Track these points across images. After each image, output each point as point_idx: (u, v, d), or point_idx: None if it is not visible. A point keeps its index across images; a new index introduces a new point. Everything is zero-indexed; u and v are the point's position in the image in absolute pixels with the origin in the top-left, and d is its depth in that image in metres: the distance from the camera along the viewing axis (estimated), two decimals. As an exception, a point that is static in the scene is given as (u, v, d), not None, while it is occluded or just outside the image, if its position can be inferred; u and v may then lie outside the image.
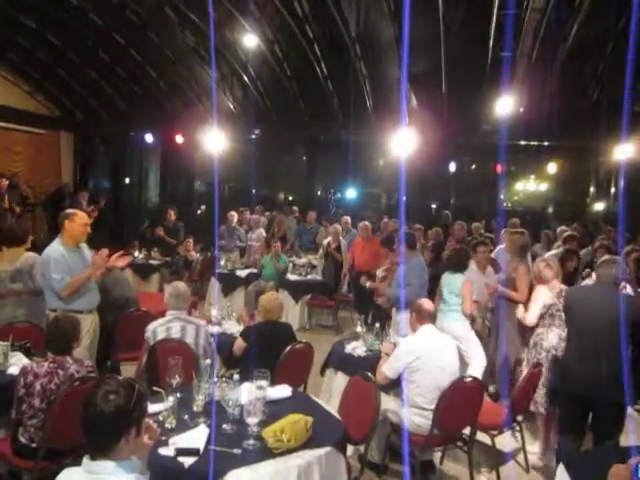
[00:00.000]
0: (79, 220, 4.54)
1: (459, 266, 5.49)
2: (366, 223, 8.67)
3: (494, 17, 9.82)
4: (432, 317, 4.10)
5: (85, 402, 1.84)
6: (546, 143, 13.10)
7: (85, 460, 1.84)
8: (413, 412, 3.79)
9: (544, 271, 4.59)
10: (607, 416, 3.58)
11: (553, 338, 4.39)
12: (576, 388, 3.74)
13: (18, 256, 4.74)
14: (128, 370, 4.80)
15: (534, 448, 4.51)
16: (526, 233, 6.01)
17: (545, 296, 4.48)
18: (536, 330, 4.54)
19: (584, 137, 12.19)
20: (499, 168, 14.03)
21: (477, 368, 5.08)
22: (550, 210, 15.24)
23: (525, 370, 4.44)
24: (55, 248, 4.44)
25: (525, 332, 4.87)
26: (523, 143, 13.08)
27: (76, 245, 4.56)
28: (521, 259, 5.58)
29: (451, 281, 5.43)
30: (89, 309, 4.53)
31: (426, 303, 4.14)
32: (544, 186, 15.98)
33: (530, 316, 4.55)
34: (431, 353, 3.84)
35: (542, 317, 4.49)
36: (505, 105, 10.47)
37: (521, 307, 4.83)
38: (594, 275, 5.15)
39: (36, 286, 4.68)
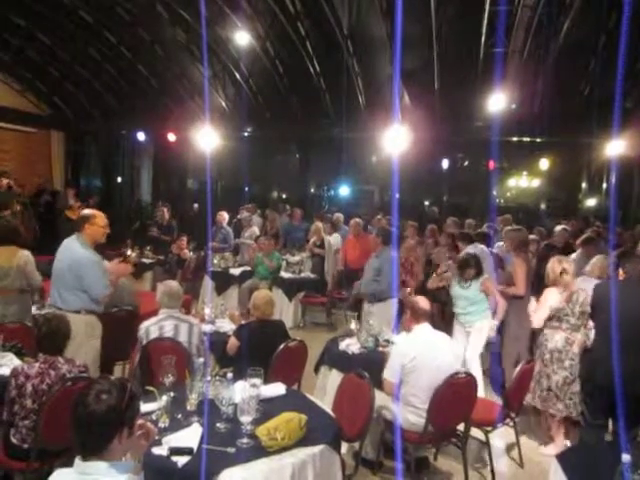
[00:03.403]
0: (99, 222, 4.43)
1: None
2: (357, 220, 8.64)
3: (486, 13, 9.84)
4: (428, 316, 3.97)
5: (77, 402, 1.82)
6: (538, 139, 13.13)
7: (77, 461, 1.82)
8: (407, 410, 3.77)
9: (562, 277, 4.44)
10: (632, 410, 3.58)
11: (559, 340, 4.36)
12: (604, 382, 3.77)
13: (9, 254, 4.70)
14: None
15: (549, 450, 4.38)
16: (524, 230, 6.09)
17: (554, 300, 4.41)
18: (544, 330, 4.51)
19: (576, 133, 12.22)
20: (492, 165, 14.07)
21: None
22: (543, 206, 15.29)
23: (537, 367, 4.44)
24: (87, 251, 4.32)
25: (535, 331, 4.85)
26: (515, 139, 13.09)
27: (94, 247, 4.46)
28: (519, 254, 5.59)
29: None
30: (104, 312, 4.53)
31: (421, 301, 4.00)
32: (536, 182, 16.04)
33: (537, 319, 4.49)
34: (427, 353, 3.76)
35: (550, 319, 4.44)
36: (497, 102, 10.50)
37: (533, 302, 4.72)
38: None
39: (31, 284, 4.71)
